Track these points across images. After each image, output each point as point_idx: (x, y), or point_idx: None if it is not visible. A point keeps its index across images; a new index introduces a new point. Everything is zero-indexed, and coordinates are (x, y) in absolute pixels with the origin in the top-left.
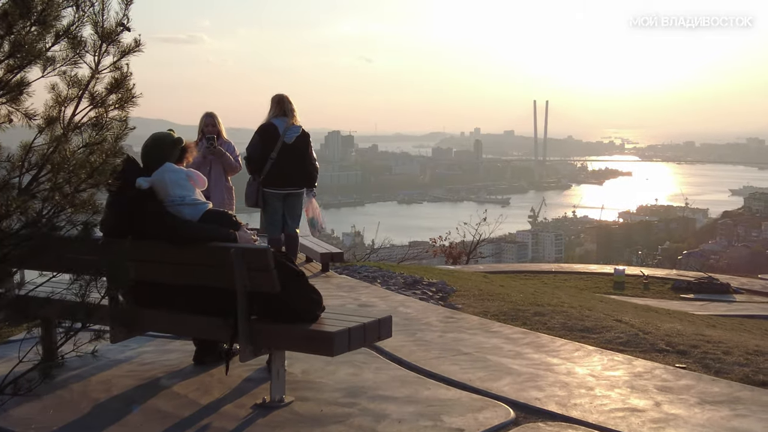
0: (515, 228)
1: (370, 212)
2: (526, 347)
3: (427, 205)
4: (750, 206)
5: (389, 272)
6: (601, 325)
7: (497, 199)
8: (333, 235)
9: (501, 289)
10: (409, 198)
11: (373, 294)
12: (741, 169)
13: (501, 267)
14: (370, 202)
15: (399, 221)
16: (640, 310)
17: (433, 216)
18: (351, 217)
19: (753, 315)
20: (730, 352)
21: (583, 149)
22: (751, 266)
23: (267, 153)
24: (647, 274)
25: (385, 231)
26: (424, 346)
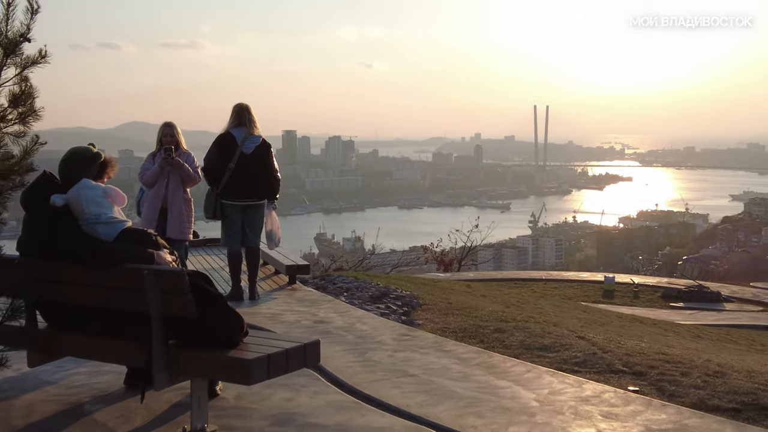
0: (516, 233)
1: (371, 217)
2: (476, 368)
3: (427, 211)
4: (750, 211)
5: (364, 283)
6: (560, 343)
7: (498, 205)
8: (333, 240)
9: (476, 301)
10: (410, 203)
11: (333, 309)
12: (741, 175)
13: (492, 274)
14: (371, 207)
15: (399, 226)
16: (624, 321)
17: (434, 221)
18: (351, 222)
19: (741, 325)
20: (689, 374)
21: (583, 154)
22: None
23: (224, 164)
24: (637, 282)
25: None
26: (371, 367)
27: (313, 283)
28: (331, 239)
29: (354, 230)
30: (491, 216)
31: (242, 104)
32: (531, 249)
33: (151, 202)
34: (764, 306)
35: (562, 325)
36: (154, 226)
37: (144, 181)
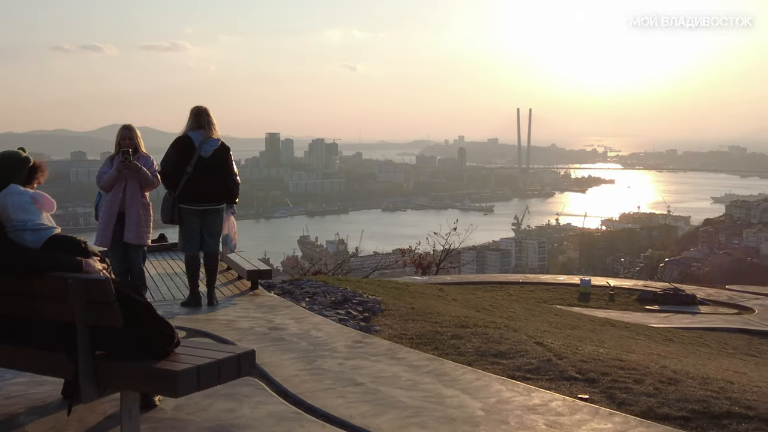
0: (499, 236)
1: (354, 220)
2: (426, 376)
3: (411, 213)
4: (731, 214)
5: (332, 287)
6: (516, 350)
7: (481, 207)
8: (317, 243)
9: (444, 305)
10: (393, 206)
11: (290, 315)
12: (723, 177)
13: (470, 277)
14: (354, 210)
15: (383, 229)
16: (595, 324)
17: (417, 224)
18: (335, 225)
19: (715, 327)
20: (642, 381)
21: (566, 157)
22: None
23: (182, 167)
24: (613, 285)
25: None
26: (319, 376)
27: (281, 288)
28: (315, 242)
29: (337, 233)
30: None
31: (200, 107)
32: (514, 251)
33: (108, 206)
34: (739, 309)
35: (522, 330)
36: (111, 230)
37: (101, 184)
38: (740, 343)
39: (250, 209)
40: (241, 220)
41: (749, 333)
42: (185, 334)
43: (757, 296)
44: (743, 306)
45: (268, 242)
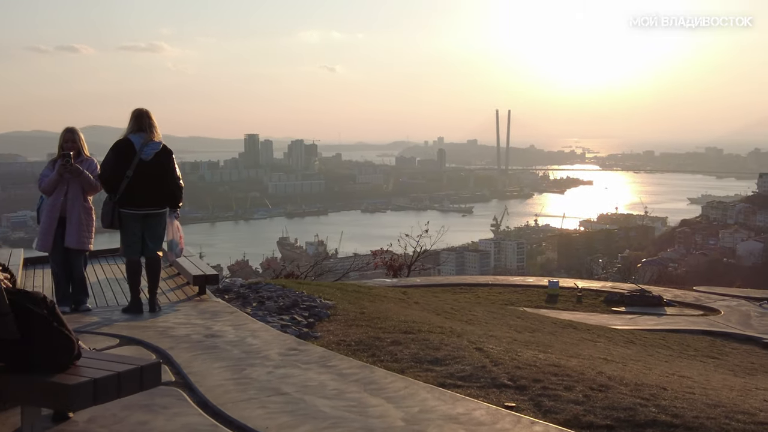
0: (478, 236)
1: (334, 221)
2: (353, 385)
3: (390, 214)
4: (708, 215)
5: (289, 291)
6: (453, 356)
7: (460, 208)
8: (296, 245)
9: (401, 309)
10: (373, 207)
11: (231, 322)
12: (699, 178)
13: (440, 279)
14: (334, 211)
15: (362, 230)
16: (557, 326)
17: (397, 225)
18: (314, 227)
19: (679, 329)
20: (573, 388)
21: (545, 158)
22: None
23: (122, 171)
24: (581, 287)
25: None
26: (245, 385)
27: (236, 292)
28: (294, 243)
29: (317, 234)
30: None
31: (141, 109)
32: (493, 252)
33: (49, 210)
34: (705, 310)
35: (466, 335)
36: (52, 235)
37: (42, 188)
38: (702, 345)
39: (229, 211)
40: (221, 221)
41: (713, 335)
42: (118, 342)
43: (723, 297)
44: (709, 307)
45: (247, 244)
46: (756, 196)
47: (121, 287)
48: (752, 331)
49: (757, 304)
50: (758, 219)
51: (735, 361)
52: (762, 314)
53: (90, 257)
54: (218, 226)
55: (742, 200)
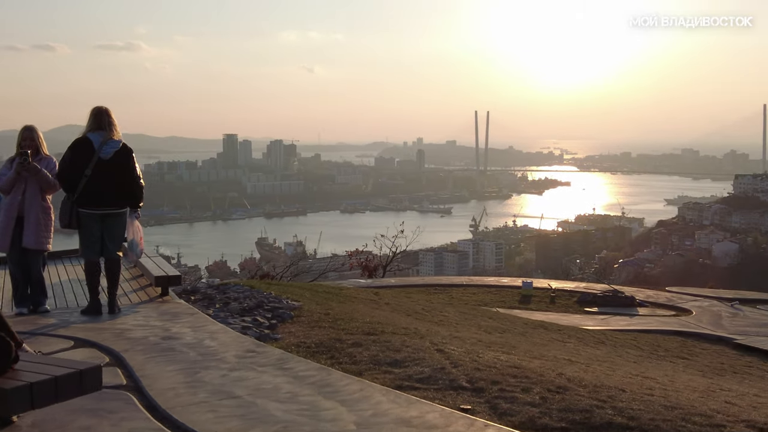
0: (457, 237)
1: (313, 222)
2: (308, 388)
3: (369, 215)
4: (684, 215)
5: (257, 292)
6: (413, 358)
7: (439, 209)
8: (275, 245)
9: (370, 311)
10: (352, 207)
11: (191, 324)
12: (676, 180)
13: (415, 280)
14: (313, 212)
15: (341, 231)
16: (528, 327)
17: (376, 225)
18: (293, 227)
19: (650, 330)
20: (530, 389)
21: (523, 159)
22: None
23: (80, 170)
24: (554, 288)
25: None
26: (196, 389)
27: (203, 293)
28: (273, 244)
29: (296, 235)
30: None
31: (101, 107)
32: (472, 253)
33: (6, 209)
34: (677, 311)
35: (429, 336)
36: (10, 234)
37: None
38: (673, 345)
39: (208, 211)
40: (199, 221)
41: (684, 335)
42: (72, 344)
43: (695, 298)
44: (681, 308)
45: (226, 244)
46: (732, 198)
47: (82, 288)
48: (723, 332)
49: (728, 304)
50: (734, 220)
51: (705, 361)
52: (733, 315)
53: (50, 258)
54: (196, 226)
55: (718, 201)
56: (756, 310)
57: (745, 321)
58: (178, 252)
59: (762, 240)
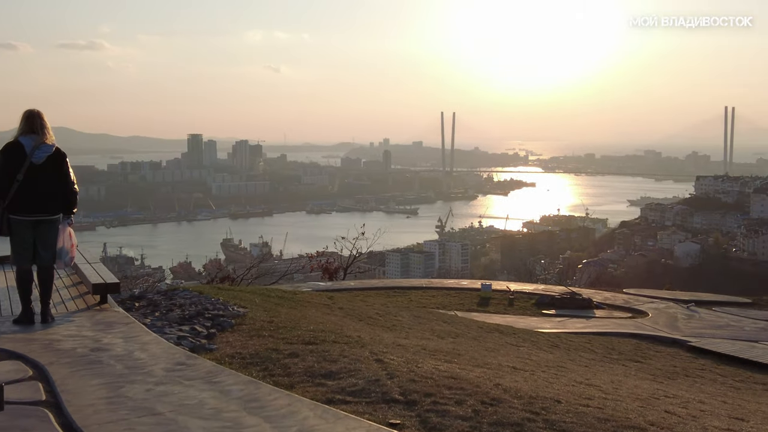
0: (423, 238)
1: (279, 222)
2: (234, 403)
3: (336, 216)
4: (646, 216)
5: (205, 298)
6: (349, 369)
7: (406, 209)
8: (240, 246)
9: (318, 317)
10: (318, 208)
11: (124, 334)
12: (639, 181)
13: (374, 283)
14: (279, 213)
15: (307, 231)
16: (483, 331)
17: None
18: (259, 228)
19: (606, 332)
20: (464, 402)
21: (489, 160)
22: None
23: (12, 175)
24: (513, 290)
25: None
26: (117, 405)
27: (149, 299)
28: (238, 245)
29: (261, 236)
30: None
31: (33, 110)
32: (438, 254)
33: None
34: (634, 313)
35: (370, 345)
36: None
37: None
38: (627, 348)
39: (172, 212)
40: (163, 222)
41: (639, 337)
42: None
43: (652, 300)
44: (638, 309)
45: (190, 245)
46: (693, 199)
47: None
48: (679, 334)
49: (684, 306)
50: (695, 221)
51: (658, 364)
52: (689, 316)
53: None
54: (160, 227)
55: (679, 202)
56: (711, 311)
57: (700, 323)
58: (142, 253)
59: (723, 240)
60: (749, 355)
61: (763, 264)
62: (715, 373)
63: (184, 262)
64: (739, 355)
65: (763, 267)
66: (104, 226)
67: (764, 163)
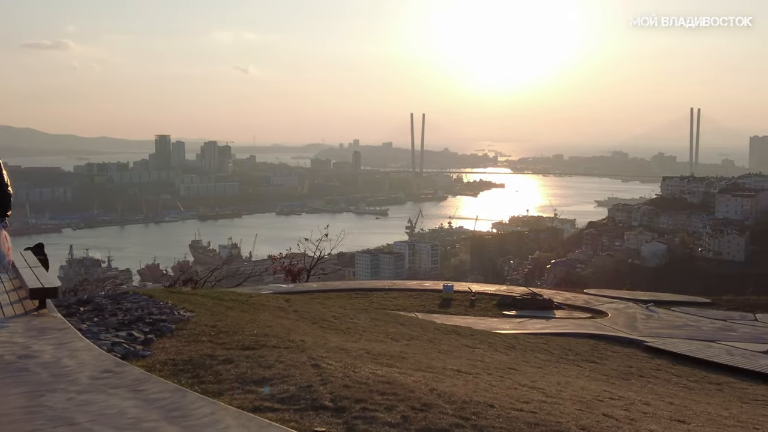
0: (393, 239)
1: (248, 224)
2: (156, 411)
3: (305, 217)
4: (613, 217)
5: (153, 302)
6: (282, 375)
7: (376, 211)
8: (209, 248)
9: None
10: (288, 209)
11: (56, 340)
12: (606, 181)
13: (337, 284)
14: (248, 214)
15: (277, 233)
16: (439, 333)
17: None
18: (228, 229)
19: (564, 333)
20: (394, 408)
21: (458, 161)
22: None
23: None
24: (475, 291)
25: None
26: (35, 414)
27: (95, 304)
28: (207, 246)
29: (230, 237)
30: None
31: None
32: (408, 255)
33: None
34: (594, 313)
35: (310, 350)
36: None
37: None
38: (584, 349)
39: (139, 213)
40: (130, 224)
41: (596, 338)
42: None
43: (612, 300)
44: (598, 310)
45: (159, 247)
46: (659, 199)
47: None
48: (637, 334)
49: (644, 306)
50: (662, 221)
51: (613, 365)
52: (648, 316)
53: None
54: (128, 229)
55: (646, 203)
56: (670, 311)
57: (659, 323)
58: (109, 255)
59: (689, 240)
60: (705, 354)
61: (728, 263)
62: (670, 374)
63: (152, 264)
64: (695, 355)
65: (727, 266)
66: (70, 228)
67: (729, 163)
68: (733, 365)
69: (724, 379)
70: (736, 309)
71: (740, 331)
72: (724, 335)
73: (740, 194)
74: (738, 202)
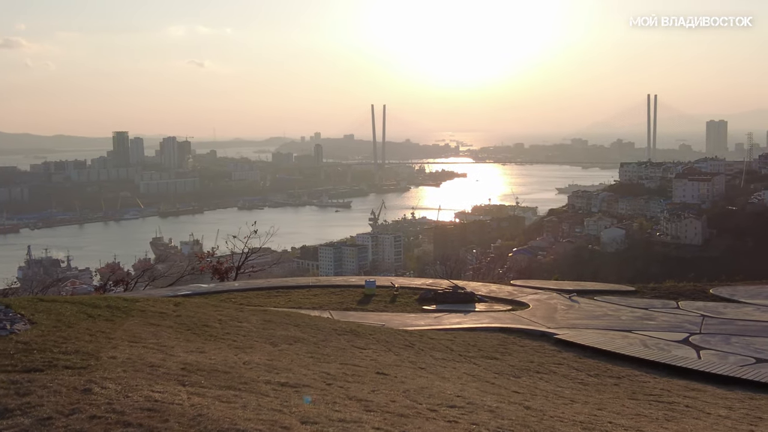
0: (356, 231)
1: (210, 220)
2: None
3: (268, 211)
4: (574, 204)
5: (6, 313)
6: (34, 404)
7: (339, 203)
8: (171, 245)
9: (133, 328)
10: (250, 204)
11: None
12: (567, 169)
13: (259, 283)
14: (210, 210)
15: (239, 228)
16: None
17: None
18: (190, 226)
19: (475, 327)
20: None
21: (420, 152)
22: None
23: None
24: (398, 286)
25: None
26: None
27: None
28: (168, 243)
29: (192, 233)
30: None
31: None
32: (371, 246)
33: None
34: (515, 305)
35: (102, 370)
36: None
37: None
38: (490, 344)
39: (99, 212)
40: (89, 222)
41: (508, 332)
42: None
43: (536, 291)
44: (519, 302)
45: (119, 245)
46: (618, 185)
47: None
48: (553, 325)
49: (566, 296)
50: (620, 207)
51: (514, 360)
52: (569, 307)
53: None
54: (87, 227)
55: (605, 189)
56: (593, 301)
57: (578, 313)
58: (68, 255)
59: (647, 225)
60: (612, 346)
61: (686, 247)
62: (572, 368)
63: (113, 262)
64: (603, 347)
65: (685, 250)
66: (28, 228)
67: (687, 148)
68: (640, 357)
69: (627, 372)
70: (660, 297)
71: (659, 319)
72: (642, 324)
73: (696, 178)
74: (694, 186)
